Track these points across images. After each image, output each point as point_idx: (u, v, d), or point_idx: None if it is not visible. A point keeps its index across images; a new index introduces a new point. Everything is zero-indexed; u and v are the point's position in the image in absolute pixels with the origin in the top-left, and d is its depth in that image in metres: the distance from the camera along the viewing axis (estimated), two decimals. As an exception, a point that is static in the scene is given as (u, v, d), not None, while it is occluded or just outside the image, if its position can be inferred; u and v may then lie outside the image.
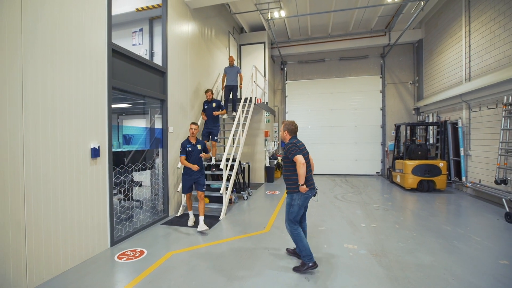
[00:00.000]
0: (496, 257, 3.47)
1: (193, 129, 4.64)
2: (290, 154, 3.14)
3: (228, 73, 7.35)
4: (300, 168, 3.04)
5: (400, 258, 3.47)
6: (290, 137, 3.31)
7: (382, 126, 11.29)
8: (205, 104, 6.20)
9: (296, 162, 3.07)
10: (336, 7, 8.92)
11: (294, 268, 3.17)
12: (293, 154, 3.12)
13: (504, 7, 5.95)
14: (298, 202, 3.17)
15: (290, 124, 3.32)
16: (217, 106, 6.13)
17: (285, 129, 3.32)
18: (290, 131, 3.31)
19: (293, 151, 3.14)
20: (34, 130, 2.82)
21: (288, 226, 3.25)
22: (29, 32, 2.77)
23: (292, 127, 3.31)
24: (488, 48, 6.49)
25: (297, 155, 3.09)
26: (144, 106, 5.88)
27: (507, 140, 5.83)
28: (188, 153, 4.62)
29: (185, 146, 4.64)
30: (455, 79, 7.96)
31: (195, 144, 4.70)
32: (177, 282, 2.94)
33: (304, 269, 3.09)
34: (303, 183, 3.09)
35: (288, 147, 3.22)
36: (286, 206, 3.29)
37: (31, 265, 2.79)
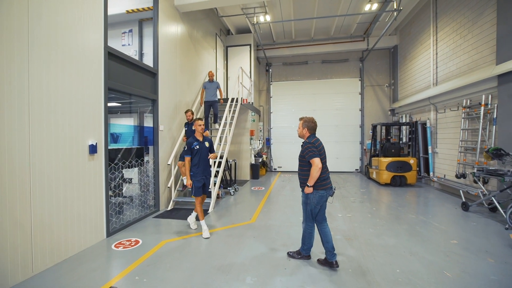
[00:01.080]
0: (449, 238, 4.06)
1: (202, 126, 4.31)
2: (307, 155, 3.06)
3: (207, 88, 7.23)
4: (315, 171, 2.97)
5: (369, 241, 3.98)
6: (309, 135, 3.20)
7: (361, 126, 12.00)
8: (186, 125, 5.84)
9: (313, 164, 2.99)
10: (318, 13, 9.46)
11: (289, 253, 3.43)
12: (310, 156, 3.03)
13: (464, 20, 6.68)
14: (313, 201, 3.11)
15: (309, 121, 3.19)
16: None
17: (305, 127, 3.20)
18: (310, 128, 3.19)
19: (311, 152, 3.03)
20: (39, 128, 3.06)
21: (305, 224, 3.24)
22: (35, 36, 3.00)
23: (312, 124, 3.19)
24: (452, 56, 7.22)
25: (314, 157, 3.00)
26: (130, 105, 6.04)
27: (466, 139, 6.56)
28: (195, 152, 4.25)
29: (192, 144, 4.24)
30: (425, 83, 8.71)
31: (203, 142, 4.33)
32: (172, 265, 3.27)
33: (299, 257, 3.36)
34: (311, 185, 3.04)
35: (306, 146, 3.11)
36: (302, 204, 3.25)
37: (36, 252, 3.03)
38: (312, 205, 3.13)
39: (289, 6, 8.99)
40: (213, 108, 7.32)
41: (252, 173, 10.16)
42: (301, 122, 3.24)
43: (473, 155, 6.28)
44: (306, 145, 3.11)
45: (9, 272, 2.75)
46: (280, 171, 12.59)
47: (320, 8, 9.25)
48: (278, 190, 7.99)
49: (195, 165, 4.25)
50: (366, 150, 11.59)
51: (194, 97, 7.54)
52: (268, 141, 12.81)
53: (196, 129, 4.33)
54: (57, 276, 2.99)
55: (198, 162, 4.26)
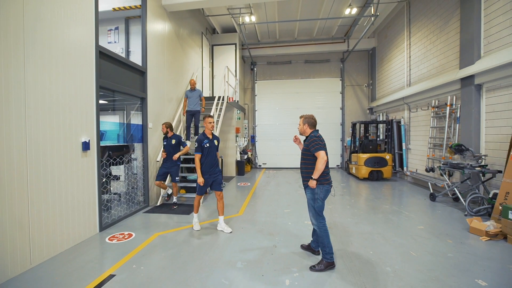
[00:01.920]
0: (417, 224, 4.55)
1: (212, 123, 4.25)
2: (313, 147, 3.02)
3: (189, 97, 7.01)
4: (320, 163, 2.94)
5: (347, 228, 4.38)
6: (311, 130, 3.21)
7: (342, 124, 12.58)
8: (164, 140, 5.59)
9: (318, 157, 2.96)
10: (301, 15, 9.83)
11: (311, 267, 3.04)
12: (316, 149, 3.00)
13: (433, 27, 7.27)
14: (320, 196, 3.07)
15: (309, 118, 3.21)
16: (177, 144, 5.56)
17: (305, 123, 3.21)
18: (311, 124, 3.20)
19: (317, 145, 3.01)
20: (35, 126, 3.15)
21: (316, 221, 3.13)
22: (31, 36, 3.09)
23: (312, 120, 3.21)
24: (423, 59, 7.83)
25: (320, 150, 2.98)
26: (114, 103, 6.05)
27: (434, 136, 7.19)
28: (205, 150, 4.17)
29: (203, 141, 4.16)
30: (399, 84, 9.34)
31: (212, 139, 4.27)
32: (167, 254, 3.49)
33: (326, 269, 3.02)
34: (316, 178, 2.99)
35: (311, 140, 3.07)
36: (310, 201, 3.14)
37: (34, 245, 3.13)
38: (319, 200, 3.07)
39: (273, 8, 9.28)
40: (195, 118, 7.15)
41: (238, 170, 10.42)
42: (301, 119, 3.25)
43: (440, 150, 6.91)
44: (311, 138, 3.07)
45: (9, 264, 2.86)
46: (265, 167, 12.93)
47: (303, 11, 9.61)
48: (263, 186, 8.31)
49: (203, 163, 4.18)
50: (346, 146, 12.19)
51: (181, 94, 7.66)
52: (253, 139, 13.10)
53: (206, 126, 4.25)
54: (56, 267, 3.12)
55: (206, 160, 4.18)
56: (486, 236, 3.86)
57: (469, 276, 2.87)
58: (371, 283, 2.75)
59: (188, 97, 7.05)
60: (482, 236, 3.90)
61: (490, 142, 5.37)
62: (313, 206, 3.13)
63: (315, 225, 3.16)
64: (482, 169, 4.94)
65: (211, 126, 4.25)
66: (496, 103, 5.20)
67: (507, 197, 4.17)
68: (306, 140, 3.20)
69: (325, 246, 3.05)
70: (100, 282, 2.81)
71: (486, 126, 5.47)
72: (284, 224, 4.61)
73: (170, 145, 5.51)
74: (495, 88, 5.24)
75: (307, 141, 3.15)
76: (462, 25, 5.94)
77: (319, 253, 3.33)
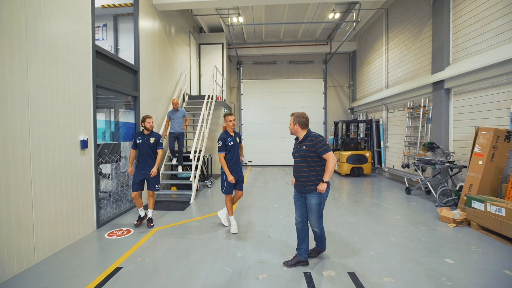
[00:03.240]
0: (394, 214, 5.04)
1: (233, 121, 4.15)
2: (322, 148, 2.83)
3: (172, 118, 6.44)
4: (332, 165, 2.80)
5: (333, 220, 4.77)
6: (305, 131, 3.02)
7: (325, 122, 13.13)
8: (139, 138, 4.45)
9: (329, 158, 2.81)
10: (287, 18, 10.17)
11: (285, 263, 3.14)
12: (325, 150, 2.83)
13: (409, 34, 7.88)
14: (325, 199, 3.01)
15: (300, 116, 3.00)
16: (155, 143, 4.48)
17: (296, 122, 3.01)
18: (302, 123, 2.99)
19: (325, 146, 2.84)
20: (37, 126, 3.20)
21: (319, 225, 3.05)
22: (33, 38, 3.13)
23: (303, 119, 2.99)
24: (399, 64, 8.45)
25: (330, 151, 2.84)
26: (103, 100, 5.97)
27: (409, 135, 7.82)
28: (229, 148, 4.07)
29: (227, 140, 4.05)
30: (378, 86, 9.96)
31: (234, 137, 4.17)
32: (169, 247, 3.66)
33: (317, 255, 3.28)
34: (328, 180, 2.85)
35: (318, 140, 2.88)
36: (314, 206, 2.96)
37: (37, 242, 3.19)
38: (323, 202, 2.98)
39: (261, 10, 9.53)
40: (178, 142, 6.53)
41: (226, 168, 10.59)
42: (292, 118, 3.05)
43: (415, 148, 7.55)
44: (317, 138, 2.89)
45: (15, 260, 2.92)
46: (251, 165, 13.21)
47: (289, 14, 9.96)
48: (252, 182, 8.59)
49: (228, 161, 4.08)
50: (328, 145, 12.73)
51: (170, 93, 7.73)
52: (239, 137, 13.31)
53: (227, 125, 4.15)
54: (60, 262, 3.21)
55: (232, 158, 4.08)
56: (454, 223, 4.40)
57: (439, 256, 3.33)
58: (358, 265, 3.12)
59: (171, 118, 6.47)
60: (450, 223, 4.44)
61: (457, 140, 6.00)
62: (318, 211, 2.98)
63: (317, 229, 3.06)
64: (451, 164, 5.53)
65: (232, 124, 4.13)
66: (462, 105, 5.83)
67: (470, 189, 4.75)
68: (305, 141, 2.97)
69: (323, 240, 3.18)
70: (109, 274, 2.95)
71: (454, 126, 6.10)
72: (276, 218, 4.91)
73: (147, 145, 4.41)
74: (461, 92, 5.86)
75: (309, 141, 2.92)
76: (434, 35, 6.53)
77: (324, 250, 3.32)
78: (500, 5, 4.84)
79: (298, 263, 3.09)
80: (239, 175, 4.17)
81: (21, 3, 3.01)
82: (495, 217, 3.84)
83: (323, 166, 2.91)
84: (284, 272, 2.99)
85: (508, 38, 4.68)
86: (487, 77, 5.06)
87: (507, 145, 4.61)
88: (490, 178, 4.64)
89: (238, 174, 4.16)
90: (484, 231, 4.06)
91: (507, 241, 3.68)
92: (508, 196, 4.17)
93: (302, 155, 2.97)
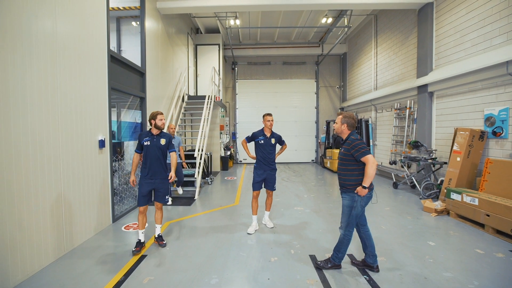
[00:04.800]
0: (384, 206, 5.59)
1: (271, 121, 4.17)
2: (358, 152, 2.75)
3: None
4: (372, 169, 2.69)
5: (330, 211, 5.26)
6: (350, 132, 2.95)
7: (316, 122, 13.68)
8: (145, 139, 3.61)
9: (368, 162, 2.71)
10: (282, 22, 10.59)
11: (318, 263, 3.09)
12: (363, 153, 2.73)
13: (396, 40, 8.47)
14: (361, 203, 2.84)
15: (349, 117, 2.92)
16: (166, 145, 3.71)
17: (344, 122, 2.93)
18: (350, 124, 2.93)
19: (363, 149, 2.74)
20: (64, 128, 3.48)
21: (344, 230, 2.94)
22: (61, 45, 3.40)
23: (352, 120, 2.92)
24: (387, 67, 9.05)
25: (368, 154, 2.72)
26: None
27: (396, 134, 8.44)
28: (258, 146, 4.19)
29: (258, 137, 4.14)
30: (368, 88, 10.56)
31: (269, 137, 4.20)
32: (185, 237, 4.02)
33: (329, 266, 3.02)
34: (368, 186, 2.74)
35: (355, 143, 2.79)
36: (346, 208, 2.92)
37: (66, 234, 3.49)
38: (359, 208, 2.85)
39: (257, 14, 9.90)
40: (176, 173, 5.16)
41: (222, 165, 10.97)
42: (339, 118, 2.97)
43: (401, 146, 8.17)
44: (354, 142, 2.81)
45: (50, 248, 3.21)
46: (245, 163, 13.60)
47: (284, 18, 10.37)
48: (249, 179, 8.97)
49: (259, 157, 4.22)
50: (320, 143, 13.31)
51: (172, 93, 7.99)
52: (234, 135, 13.68)
53: (265, 124, 4.20)
54: (89, 252, 3.51)
55: (261, 156, 4.20)
56: (435, 213, 4.98)
57: (423, 240, 3.87)
58: (356, 248, 3.60)
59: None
60: (432, 213, 5.01)
61: (439, 139, 6.62)
62: (348, 214, 2.90)
63: (342, 231, 2.97)
64: (433, 161, 6.14)
65: (269, 124, 4.14)
66: (444, 108, 6.44)
67: (450, 183, 5.35)
68: (345, 143, 2.94)
69: (340, 252, 3.00)
70: (137, 261, 3.30)
71: (436, 126, 6.72)
72: (277, 210, 5.35)
73: (157, 147, 3.63)
74: (443, 96, 6.47)
75: (347, 145, 2.88)
76: (419, 42, 7.12)
77: (377, 270, 2.99)
78: (475, 19, 5.43)
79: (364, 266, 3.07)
80: (267, 173, 4.24)
81: (51, 13, 3.27)
82: (469, 206, 4.42)
83: (360, 170, 2.83)
84: (291, 255, 3.43)
85: (482, 48, 5.29)
86: (465, 83, 5.66)
87: (481, 144, 5.22)
88: (466, 173, 5.25)
89: (267, 172, 4.23)
90: (461, 219, 4.65)
91: (479, 226, 4.28)
92: (481, 188, 4.77)
93: (341, 157, 3.00)
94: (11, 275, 2.69)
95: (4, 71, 2.63)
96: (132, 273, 3.02)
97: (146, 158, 3.61)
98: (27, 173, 2.88)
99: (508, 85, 4.80)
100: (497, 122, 5.00)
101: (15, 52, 2.75)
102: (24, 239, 2.84)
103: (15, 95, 2.75)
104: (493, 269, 3.06)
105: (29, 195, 2.91)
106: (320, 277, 2.91)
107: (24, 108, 2.85)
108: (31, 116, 2.93)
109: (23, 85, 2.85)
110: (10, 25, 2.71)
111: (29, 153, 2.91)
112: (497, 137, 5.03)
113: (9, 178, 2.67)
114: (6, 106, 2.64)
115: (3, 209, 2.62)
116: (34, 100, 2.99)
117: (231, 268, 3.12)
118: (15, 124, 2.74)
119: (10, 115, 2.69)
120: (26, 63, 2.89)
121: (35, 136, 3.00)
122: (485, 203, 4.16)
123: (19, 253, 2.77)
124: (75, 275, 2.97)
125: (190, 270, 3.06)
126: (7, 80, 2.66)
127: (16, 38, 2.77)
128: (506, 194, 4.29)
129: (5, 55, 2.65)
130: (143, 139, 3.61)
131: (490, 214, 4.04)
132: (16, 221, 2.74)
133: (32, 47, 2.96)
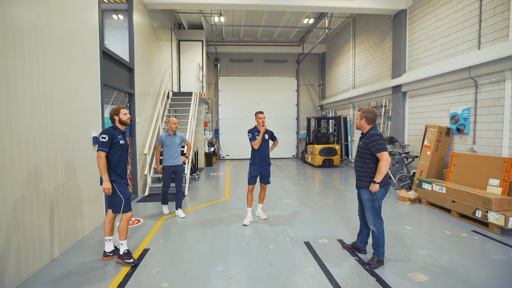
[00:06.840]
0: (364, 197, 6.09)
1: (262, 118, 4.39)
2: (375, 147, 2.82)
3: (167, 146, 4.68)
4: (385, 166, 2.78)
5: (316, 202, 5.64)
6: (370, 127, 2.99)
7: (297, 118, 14.14)
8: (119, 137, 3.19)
9: (382, 158, 2.79)
10: (265, 20, 10.80)
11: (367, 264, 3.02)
12: (379, 149, 2.80)
13: (373, 42, 9.07)
14: (379, 196, 2.93)
15: (369, 112, 2.96)
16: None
17: (363, 117, 2.98)
18: (369, 119, 2.97)
19: (379, 145, 2.81)
20: (61, 126, 3.45)
21: (374, 222, 2.99)
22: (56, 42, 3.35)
23: (371, 115, 2.95)
24: (364, 68, 9.65)
25: (384, 151, 2.79)
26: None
27: (373, 130, 9.07)
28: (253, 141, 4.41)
29: (255, 133, 4.43)
30: (346, 86, 11.16)
31: (264, 134, 4.47)
32: (183, 230, 4.16)
33: (377, 265, 2.98)
34: (379, 182, 2.83)
35: (373, 138, 2.86)
36: (368, 202, 2.99)
37: (63, 232, 3.48)
38: (378, 200, 2.94)
39: (241, 12, 10.02)
40: (175, 177, 4.85)
41: (206, 161, 11.04)
42: (359, 113, 3.02)
43: (377, 141, 8.80)
44: (373, 137, 2.87)
45: (55, 242, 3.21)
46: (228, 159, 13.74)
47: (268, 17, 10.59)
48: (235, 175, 9.19)
49: (255, 152, 4.45)
50: (301, 139, 13.81)
51: (157, 89, 7.91)
52: (217, 131, 13.74)
53: (257, 122, 4.43)
54: (92, 245, 3.54)
55: (257, 151, 4.42)
56: (409, 201, 5.55)
57: (400, 224, 4.35)
58: (343, 234, 3.98)
59: (165, 145, 4.68)
60: (407, 202, 5.58)
61: (411, 135, 7.28)
62: (372, 207, 2.97)
63: (373, 227, 2.99)
64: (406, 155, 6.76)
65: (262, 121, 4.39)
66: (415, 106, 7.09)
67: (421, 174, 5.96)
68: (364, 137, 3.02)
69: (380, 246, 2.99)
70: (141, 254, 3.40)
71: (408, 123, 7.37)
72: (268, 203, 5.63)
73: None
74: (415, 96, 7.11)
75: (365, 139, 2.96)
76: (394, 45, 7.72)
77: (365, 252, 3.32)
78: (443, 27, 6.05)
79: (354, 249, 3.41)
80: (263, 168, 4.48)
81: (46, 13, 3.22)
82: (438, 195, 5.01)
83: (376, 165, 2.90)
84: (288, 243, 3.72)
85: (449, 54, 5.92)
86: (434, 85, 6.30)
87: (447, 139, 5.88)
88: (435, 165, 5.89)
89: (262, 167, 4.47)
90: (431, 206, 5.25)
91: (446, 211, 4.88)
92: (447, 178, 5.41)
93: (358, 150, 3.06)
94: (14, 272, 2.69)
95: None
96: (139, 266, 3.12)
97: (120, 158, 3.19)
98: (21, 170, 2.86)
99: (470, 88, 5.46)
100: (460, 120, 5.66)
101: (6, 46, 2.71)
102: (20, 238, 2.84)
103: (8, 93, 2.72)
104: (459, 246, 3.59)
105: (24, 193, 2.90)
106: (316, 260, 3.22)
107: (17, 105, 2.82)
108: (24, 113, 2.91)
109: (15, 80, 2.82)
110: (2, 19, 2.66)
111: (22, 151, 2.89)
112: (460, 133, 5.70)
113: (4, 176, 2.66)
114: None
115: (2, 207, 2.61)
116: (27, 97, 2.95)
117: (234, 256, 3.34)
118: (8, 123, 2.72)
119: (3, 113, 2.66)
120: (18, 58, 2.85)
121: (28, 134, 2.97)
122: (451, 191, 4.75)
123: (17, 253, 2.77)
124: (81, 270, 3.02)
125: (196, 260, 3.23)
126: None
127: (8, 31, 2.73)
128: (468, 183, 4.93)
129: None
130: (117, 137, 3.14)
131: (455, 200, 4.63)
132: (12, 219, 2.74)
133: (23, 41, 2.92)
